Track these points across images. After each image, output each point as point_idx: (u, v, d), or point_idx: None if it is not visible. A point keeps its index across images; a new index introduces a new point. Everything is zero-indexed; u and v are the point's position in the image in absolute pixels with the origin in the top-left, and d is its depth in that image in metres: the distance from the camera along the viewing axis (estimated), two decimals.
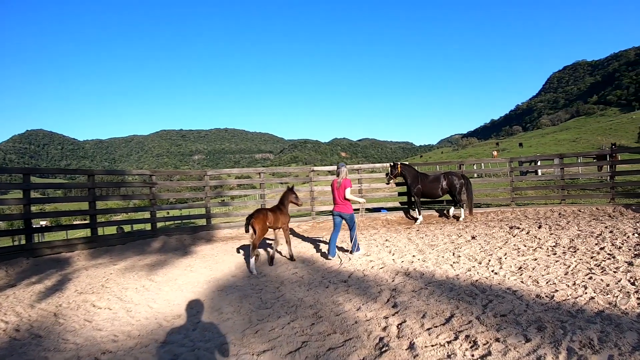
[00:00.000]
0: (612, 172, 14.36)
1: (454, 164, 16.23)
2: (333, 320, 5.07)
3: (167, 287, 7.32)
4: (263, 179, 14.23)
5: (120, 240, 11.72)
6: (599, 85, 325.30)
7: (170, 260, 9.53)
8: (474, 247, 9.00)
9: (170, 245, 11.51)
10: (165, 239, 11.88)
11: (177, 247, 11.28)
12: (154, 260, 9.67)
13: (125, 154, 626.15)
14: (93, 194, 11.41)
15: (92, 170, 11.58)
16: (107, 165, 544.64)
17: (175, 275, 8.08)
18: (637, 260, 6.93)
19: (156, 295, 6.82)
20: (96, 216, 11.61)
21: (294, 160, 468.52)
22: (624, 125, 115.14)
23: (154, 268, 8.82)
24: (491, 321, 4.65)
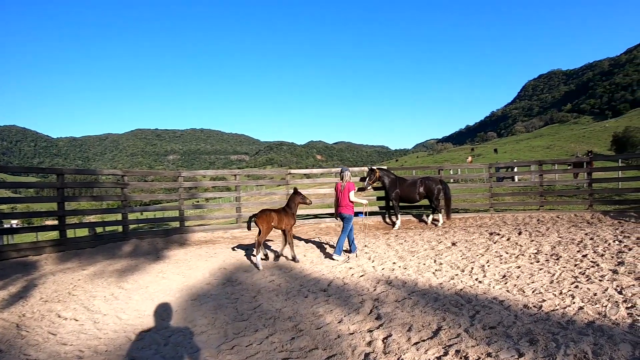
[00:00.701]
0: (590, 179, 14.39)
1: (433, 169, 16.15)
2: (314, 334, 4.79)
3: (137, 295, 6.95)
4: (239, 181, 13.85)
5: (90, 243, 11.22)
6: (573, 94, 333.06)
7: (142, 266, 9.12)
8: (455, 254, 8.85)
9: (142, 249, 11.10)
10: (137, 242, 11.45)
11: (149, 251, 10.87)
12: (125, 265, 9.25)
13: (99, 153, 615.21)
14: (62, 194, 10.91)
15: (62, 169, 11.04)
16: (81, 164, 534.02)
17: (147, 283, 7.70)
18: (621, 268, 6.85)
19: (126, 305, 6.45)
20: (65, 218, 11.13)
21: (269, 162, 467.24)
22: (597, 134, 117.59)
23: (124, 274, 8.41)
24: (480, 334, 4.46)
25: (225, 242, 12.16)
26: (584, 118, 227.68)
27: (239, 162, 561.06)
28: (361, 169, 15.35)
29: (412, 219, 14.44)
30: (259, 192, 14.80)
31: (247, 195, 14.03)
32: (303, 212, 14.92)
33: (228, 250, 10.54)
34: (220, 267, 8.68)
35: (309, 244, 11.27)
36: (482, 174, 16.21)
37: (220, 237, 12.78)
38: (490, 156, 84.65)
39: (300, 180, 14.95)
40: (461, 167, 22.40)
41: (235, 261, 9.16)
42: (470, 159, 59.01)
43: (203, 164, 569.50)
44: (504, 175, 22.67)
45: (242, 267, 8.69)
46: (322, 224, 14.28)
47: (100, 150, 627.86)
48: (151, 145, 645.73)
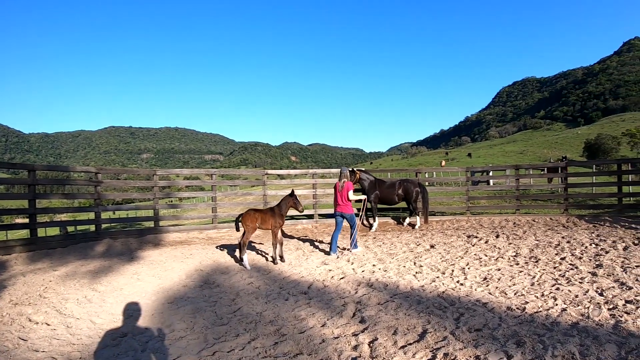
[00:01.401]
0: (565, 184, 14.58)
1: (410, 171, 16.14)
2: (298, 339, 4.64)
3: (111, 298, 6.70)
4: (214, 181, 13.62)
5: (62, 243, 10.88)
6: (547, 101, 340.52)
7: (116, 267, 8.83)
8: (434, 257, 8.85)
9: (115, 249, 10.79)
10: (110, 242, 11.14)
11: (123, 252, 10.56)
12: (98, 266, 8.93)
13: (71, 150, 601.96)
14: (33, 191, 10.55)
15: (33, 165, 10.69)
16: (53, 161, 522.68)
17: (121, 284, 7.43)
18: (600, 270, 6.94)
19: (100, 308, 6.20)
20: (36, 216, 10.77)
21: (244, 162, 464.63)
22: (569, 140, 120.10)
23: (98, 275, 8.11)
24: (467, 337, 4.40)
25: (201, 242, 11.94)
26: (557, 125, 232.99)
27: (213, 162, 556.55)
28: (338, 171, 15.30)
29: (389, 221, 14.43)
30: (235, 193, 14.59)
31: (223, 196, 13.82)
32: None
33: (204, 251, 10.35)
34: (196, 268, 8.48)
35: (286, 246, 11.14)
36: (458, 178, 16.29)
37: (196, 237, 12.56)
38: (464, 160, 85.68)
39: (276, 181, 14.75)
40: (437, 171, 22.53)
41: (212, 262, 8.97)
42: (444, 163, 59.66)
43: (177, 163, 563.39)
44: (479, 179, 22.87)
45: (219, 268, 8.50)
46: (299, 225, 14.16)
47: (72, 147, 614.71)
48: (125, 143, 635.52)
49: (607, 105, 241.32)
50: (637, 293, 5.59)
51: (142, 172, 13.56)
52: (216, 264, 8.90)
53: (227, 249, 10.61)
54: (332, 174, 15.47)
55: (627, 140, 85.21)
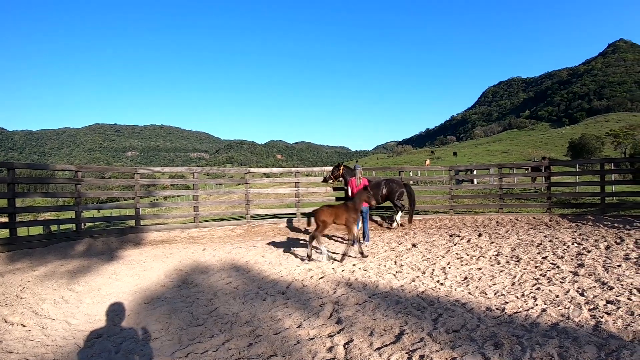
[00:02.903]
0: (548, 183, 14.62)
1: (393, 170, 16.11)
2: (273, 340, 4.56)
3: (88, 298, 6.57)
4: (197, 179, 13.48)
5: (42, 243, 10.70)
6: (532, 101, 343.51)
7: (95, 267, 8.70)
8: (415, 256, 8.82)
9: (95, 248, 10.64)
10: (90, 241, 10.98)
11: (103, 251, 10.42)
12: (77, 266, 8.80)
13: (56, 147, 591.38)
14: (13, 190, 10.36)
15: (13, 163, 10.48)
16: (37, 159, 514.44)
17: (99, 285, 7.31)
18: (581, 270, 6.94)
19: (76, 309, 6.07)
20: (16, 215, 10.58)
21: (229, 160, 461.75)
22: (554, 140, 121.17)
23: (76, 275, 7.99)
24: (444, 338, 4.35)
25: (182, 242, 11.82)
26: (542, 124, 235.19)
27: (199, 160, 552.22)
28: (321, 169, 15.18)
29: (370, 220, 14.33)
30: (218, 191, 14.45)
31: (206, 194, 13.68)
32: (262, 211, 14.68)
33: (184, 251, 10.23)
34: (176, 268, 8.36)
35: (267, 245, 11.06)
36: (442, 177, 16.30)
37: (177, 236, 12.42)
38: (450, 159, 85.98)
39: (259, 179, 14.63)
40: (421, 169, 22.56)
41: (191, 262, 8.86)
42: (428, 162, 59.80)
43: (162, 161, 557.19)
44: (463, 178, 22.92)
45: (198, 268, 8.39)
46: (281, 224, 14.06)
47: (57, 144, 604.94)
48: (110, 141, 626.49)
49: (592, 106, 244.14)
50: (618, 293, 5.59)
51: (124, 170, 13.39)
52: (196, 263, 8.79)
53: (208, 248, 10.50)
54: (316, 173, 15.38)
55: (611, 140, 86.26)
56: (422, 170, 30.17)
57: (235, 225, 13.72)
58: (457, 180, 19.77)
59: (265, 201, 14.46)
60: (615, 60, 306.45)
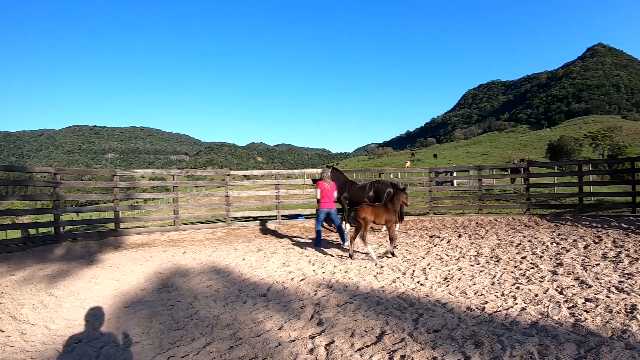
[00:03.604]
0: (527, 185, 14.80)
1: (374, 172, 16.17)
2: (254, 343, 4.52)
3: (68, 303, 6.46)
4: (177, 182, 13.45)
5: (20, 246, 10.54)
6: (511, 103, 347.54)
7: (74, 270, 8.58)
8: (396, 257, 8.86)
9: (74, 252, 10.51)
10: (69, 245, 10.86)
11: (83, 255, 10.29)
12: (56, 270, 8.67)
13: (34, 149, 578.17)
14: None
15: None
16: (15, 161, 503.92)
17: (78, 289, 7.20)
18: (560, 269, 7.05)
19: (55, 314, 5.96)
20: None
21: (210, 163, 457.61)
22: (533, 142, 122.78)
23: (55, 279, 7.87)
24: (425, 338, 4.36)
25: (162, 245, 11.73)
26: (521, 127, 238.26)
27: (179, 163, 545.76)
28: (302, 171, 15.20)
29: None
30: (198, 194, 14.39)
31: (186, 197, 13.62)
32: (243, 214, 14.63)
33: (165, 254, 10.15)
34: (156, 271, 8.28)
35: (248, 247, 11.03)
36: (422, 178, 16.40)
37: (157, 239, 12.33)
38: (430, 161, 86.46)
39: (240, 182, 14.58)
40: (401, 172, 22.67)
41: (172, 265, 8.77)
42: (409, 164, 60.08)
43: (142, 163, 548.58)
44: (443, 179, 23.07)
45: (178, 271, 8.31)
46: (262, 226, 14.05)
47: (36, 146, 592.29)
48: (89, 143, 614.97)
49: (570, 109, 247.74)
50: (596, 291, 5.67)
51: (103, 172, 13.27)
52: (176, 266, 8.70)
53: (188, 251, 10.45)
54: (296, 175, 15.40)
55: (589, 142, 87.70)
56: (403, 172, 30.32)
57: (216, 227, 13.66)
58: (437, 182, 19.89)
59: (246, 204, 14.39)
60: (593, 64, 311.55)
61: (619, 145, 77.37)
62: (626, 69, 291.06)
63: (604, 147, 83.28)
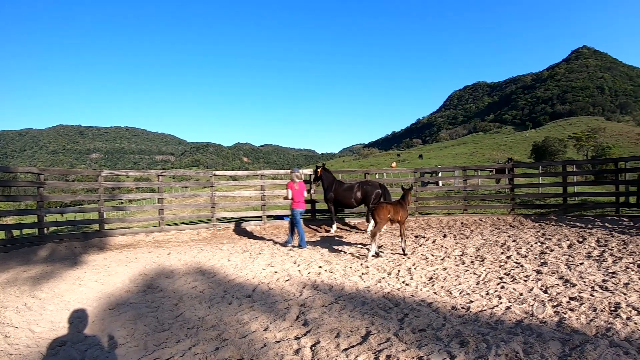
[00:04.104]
0: (512, 185, 14.93)
1: (359, 172, 16.20)
2: (239, 344, 4.50)
3: (52, 305, 6.37)
4: (162, 182, 13.35)
5: (3, 248, 10.40)
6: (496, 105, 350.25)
7: (58, 272, 8.49)
8: (381, 257, 8.89)
9: (59, 253, 10.40)
10: (53, 246, 10.74)
11: (67, 256, 10.18)
12: (40, 271, 8.57)
13: (18, 149, 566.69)
14: None
15: None
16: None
17: (62, 291, 7.11)
18: (544, 268, 7.12)
19: (39, 317, 5.87)
20: None
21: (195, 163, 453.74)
22: (518, 143, 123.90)
23: (39, 281, 7.78)
24: (410, 337, 4.37)
25: (147, 246, 11.66)
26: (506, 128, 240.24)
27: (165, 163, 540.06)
28: (287, 172, 15.22)
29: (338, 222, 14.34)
30: (183, 194, 14.35)
31: (171, 197, 13.54)
32: (228, 214, 14.57)
33: (149, 255, 10.09)
34: (140, 272, 8.20)
35: (233, 247, 11.00)
36: (408, 179, 16.45)
37: (142, 240, 12.24)
38: (416, 162, 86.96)
39: (225, 182, 14.52)
40: (387, 172, 22.74)
41: (156, 266, 8.70)
42: (394, 165, 60.30)
43: (127, 163, 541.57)
44: (428, 180, 23.18)
45: (163, 272, 8.25)
46: (247, 227, 14.00)
47: (19, 146, 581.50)
48: (73, 143, 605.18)
49: (555, 110, 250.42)
50: (581, 290, 5.74)
51: (88, 172, 13.13)
52: (161, 267, 8.64)
53: (173, 252, 10.39)
54: (282, 175, 15.39)
55: (573, 143, 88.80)
56: (388, 173, 30.43)
57: (201, 228, 13.59)
58: (423, 183, 19.99)
59: (232, 204, 14.37)
60: (578, 67, 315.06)
61: (602, 147, 78.44)
62: (610, 71, 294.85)
63: (588, 148, 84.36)
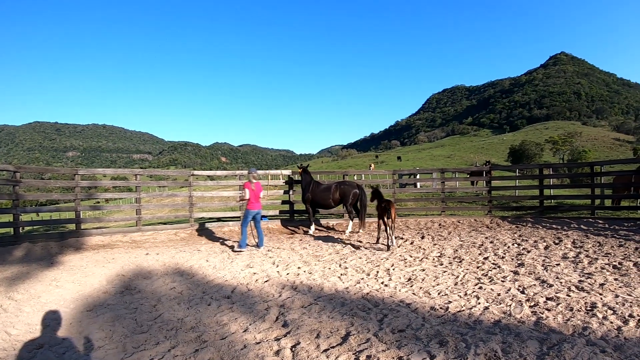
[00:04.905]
0: (489, 187, 15.11)
1: (338, 173, 16.23)
2: (219, 345, 4.47)
3: (28, 307, 6.25)
4: (140, 181, 13.17)
5: None
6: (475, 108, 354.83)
7: (34, 273, 8.33)
8: (360, 258, 8.93)
9: (34, 254, 10.18)
10: (29, 246, 10.51)
11: (43, 257, 9.98)
12: (15, 272, 8.39)
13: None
14: None
15: None
16: None
17: (39, 292, 6.98)
18: (521, 269, 7.24)
19: (16, 318, 5.74)
20: None
21: (173, 162, 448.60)
22: (495, 145, 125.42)
23: (15, 282, 7.61)
24: (390, 338, 4.41)
25: (124, 246, 11.48)
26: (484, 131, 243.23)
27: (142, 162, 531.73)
28: (266, 172, 15.14)
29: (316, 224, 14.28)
30: (161, 194, 14.20)
31: (149, 197, 13.37)
32: (206, 215, 14.46)
33: (127, 255, 9.95)
34: (118, 273, 8.11)
35: (211, 248, 10.94)
36: (386, 180, 16.53)
37: (119, 240, 12.07)
38: (394, 163, 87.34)
39: (204, 182, 14.40)
40: (365, 173, 22.80)
41: (134, 267, 8.62)
42: (373, 166, 60.56)
43: (104, 162, 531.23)
44: (406, 181, 23.31)
45: (141, 273, 8.16)
46: (225, 227, 13.92)
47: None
48: (50, 140, 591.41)
49: (532, 114, 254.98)
50: (557, 290, 5.85)
51: (64, 171, 12.93)
52: (139, 268, 8.55)
53: (151, 252, 10.29)
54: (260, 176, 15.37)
55: (549, 146, 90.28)
56: (367, 174, 30.50)
57: (179, 228, 13.45)
58: (400, 184, 20.10)
59: (210, 204, 14.24)
60: (555, 72, 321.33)
61: (578, 150, 79.96)
62: (587, 77, 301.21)
63: (564, 152, 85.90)
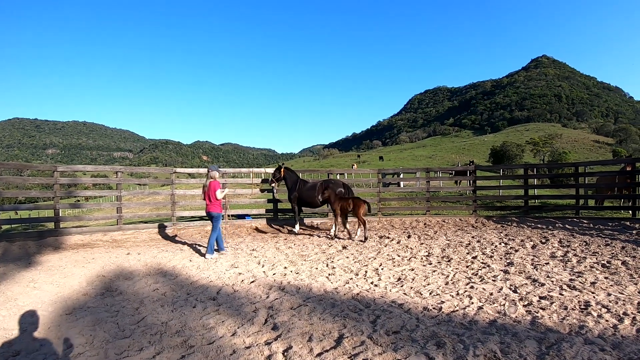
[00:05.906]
0: (474, 187, 15.12)
1: (322, 172, 16.13)
2: (207, 351, 4.25)
3: (4, 310, 5.94)
4: (120, 179, 12.91)
5: None
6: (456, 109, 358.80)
7: (11, 274, 8.01)
8: (347, 258, 8.84)
9: (12, 253, 9.86)
10: (6, 245, 10.19)
11: (20, 256, 9.66)
12: None
13: None
14: None
15: None
16: None
17: (16, 294, 6.67)
18: (511, 268, 7.21)
19: None
20: None
21: (154, 160, 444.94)
22: (476, 146, 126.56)
23: None
24: (385, 340, 4.27)
25: (104, 245, 11.21)
26: (465, 132, 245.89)
27: (123, 160, 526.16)
28: (249, 171, 14.97)
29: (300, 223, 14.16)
30: (142, 192, 13.86)
31: (130, 195, 13.06)
32: (189, 213, 14.24)
33: (107, 255, 9.69)
34: (98, 274, 7.85)
35: (195, 248, 10.73)
36: (370, 179, 16.45)
37: (100, 240, 11.78)
38: (376, 163, 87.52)
39: (186, 180, 14.17)
40: (348, 172, 22.77)
41: (115, 267, 8.37)
42: (355, 166, 60.74)
43: (84, 159, 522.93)
44: (390, 181, 23.31)
45: (122, 274, 7.91)
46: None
47: None
48: (29, 137, 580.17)
49: (513, 116, 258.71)
50: (550, 289, 5.82)
51: (43, 167, 12.61)
52: (120, 269, 8.29)
53: (132, 252, 10.05)
54: (243, 174, 15.18)
55: (530, 148, 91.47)
56: (350, 173, 30.47)
57: (161, 227, 13.20)
58: (384, 184, 20.05)
59: (192, 203, 14.02)
60: (537, 75, 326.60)
61: (559, 152, 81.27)
62: (568, 80, 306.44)
63: (545, 153, 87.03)
